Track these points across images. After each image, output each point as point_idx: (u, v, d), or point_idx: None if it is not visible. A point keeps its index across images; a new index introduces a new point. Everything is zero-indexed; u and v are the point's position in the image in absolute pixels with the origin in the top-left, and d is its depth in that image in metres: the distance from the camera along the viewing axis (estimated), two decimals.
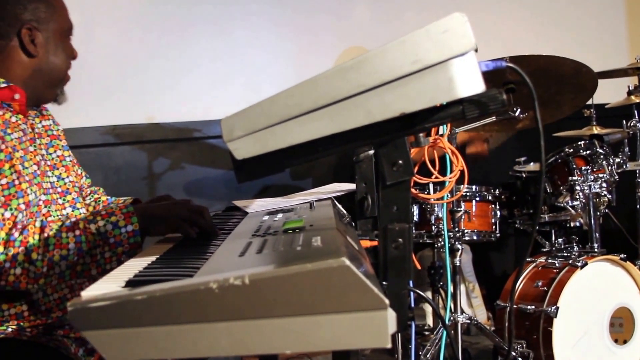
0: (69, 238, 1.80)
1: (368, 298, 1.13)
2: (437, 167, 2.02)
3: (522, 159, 3.83)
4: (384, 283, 1.42)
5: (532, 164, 3.77)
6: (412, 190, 1.95)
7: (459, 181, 2.18)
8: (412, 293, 1.67)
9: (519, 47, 3.69)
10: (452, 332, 3.27)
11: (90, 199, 2.48)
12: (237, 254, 1.39)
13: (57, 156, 2.27)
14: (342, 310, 1.14)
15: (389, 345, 1.15)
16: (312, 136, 1.26)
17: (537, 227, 3.65)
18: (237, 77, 4.65)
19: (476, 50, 1.25)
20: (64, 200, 2.20)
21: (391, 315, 1.15)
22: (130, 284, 1.26)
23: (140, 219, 1.88)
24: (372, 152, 1.69)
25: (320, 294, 1.13)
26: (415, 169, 2.00)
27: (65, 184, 2.23)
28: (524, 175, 3.64)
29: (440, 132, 2.49)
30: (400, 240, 1.40)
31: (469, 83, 1.26)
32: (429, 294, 3.91)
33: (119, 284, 1.28)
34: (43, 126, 2.28)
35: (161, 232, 1.92)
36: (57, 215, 2.12)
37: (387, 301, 1.14)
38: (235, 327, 1.15)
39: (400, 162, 1.37)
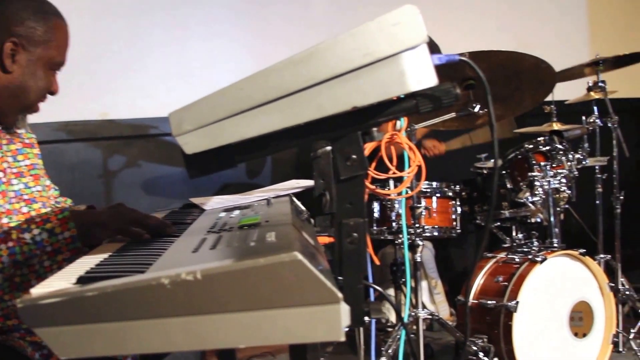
0: (2, 250, 1.72)
1: (321, 292, 1.12)
2: (394, 163, 2.02)
3: (484, 155, 3.85)
4: (340, 278, 1.42)
5: (492, 160, 3.79)
6: (370, 186, 1.95)
7: (417, 177, 2.18)
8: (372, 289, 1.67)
9: (481, 42, 3.70)
10: (415, 327, 3.27)
11: None
12: (190, 250, 1.38)
13: (26, 165, 2.19)
14: (296, 304, 1.13)
15: (343, 339, 1.14)
16: (263, 130, 1.26)
17: (499, 223, 3.68)
18: (194, 72, 4.61)
19: (436, 46, 1.25)
20: (30, 208, 2.14)
21: (344, 309, 1.15)
22: (81, 280, 1.24)
23: (78, 225, 1.79)
24: (330, 147, 1.69)
25: (274, 288, 1.12)
26: (373, 165, 2.00)
27: (32, 192, 2.16)
28: (485, 172, 3.66)
29: (398, 126, 2.50)
30: (355, 235, 1.39)
31: (421, 76, 1.25)
32: (391, 291, 3.92)
33: (71, 280, 1.26)
34: (13, 133, 2.20)
35: (102, 237, 1.82)
36: None
37: (340, 295, 1.13)
38: (188, 323, 1.14)
39: (354, 156, 1.36)
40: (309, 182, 2.35)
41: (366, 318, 1.41)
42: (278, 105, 1.24)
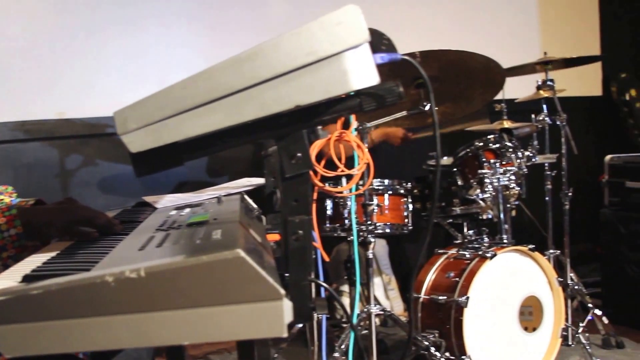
0: None
1: (263, 288, 1.14)
2: (342, 160, 2.04)
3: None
4: (287, 275, 1.44)
5: (445, 158, 3.83)
6: (319, 183, 1.97)
7: (366, 175, 2.21)
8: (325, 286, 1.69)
9: (433, 42, 3.74)
10: (368, 323, 3.29)
11: None
12: (137, 248, 1.38)
13: None
14: (239, 301, 1.14)
15: (285, 335, 1.16)
16: (207, 129, 1.27)
17: (451, 220, 3.73)
18: (150, 73, 4.59)
19: (392, 45, 1.26)
20: None
21: (287, 305, 1.16)
22: (26, 279, 1.25)
23: (24, 223, 1.77)
24: None
25: (217, 285, 1.14)
26: (322, 163, 2.01)
27: None
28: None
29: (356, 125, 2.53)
30: (301, 232, 1.41)
31: (363, 75, 1.27)
32: (345, 287, 3.94)
33: (16, 279, 1.26)
34: None
35: (50, 235, 1.80)
36: None
37: (282, 291, 1.15)
38: (133, 320, 1.15)
39: (299, 154, 1.38)
40: (261, 180, 2.36)
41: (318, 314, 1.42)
42: (222, 103, 1.25)
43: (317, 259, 2.53)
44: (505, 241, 3.50)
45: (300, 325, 3.48)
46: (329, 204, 3.49)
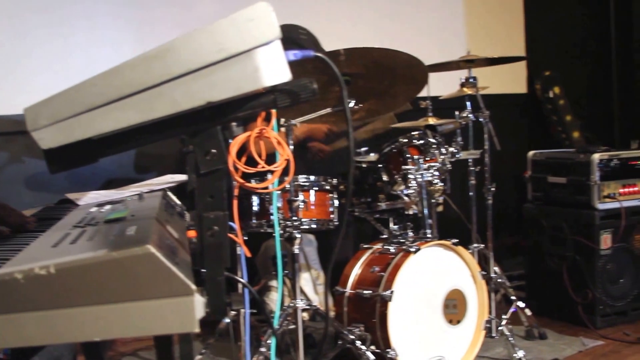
0: None
1: (174, 284, 1.15)
2: (263, 157, 2.05)
3: (363, 149, 3.93)
4: (203, 270, 1.45)
5: (372, 154, 3.87)
6: (239, 179, 1.97)
7: (286, 171, 2.22)
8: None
9: (360, 39, 3.78)
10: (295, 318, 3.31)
11: None
12: (51, 244, 1.37)
13: None
14: (150, 296, 1.15)
15: (197, 330, 1.17)
16: (119, 125, 1.27)
17: (377, 215, 3.77)
18: (78, 71, 4.51)
19: (318, 43, 1.28)
20: None
21: (198, 300, 1.17)
22: None
23: None
24: None
25: (128, 281, 1.14)
26: (243, 159, 2.02)
27: None
28: (364, 166, 3.73)
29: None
30: (216, 227, 1.42)
31: (274, 72, 1.29)
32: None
33: None
34: None
35: None
36: None
37: (193, 287, 1.16)
38: (43, 317, 1.14)
39: (214, 151, 1.39)
40: (184, 177, 2.36)
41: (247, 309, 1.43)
42: (133, 100, 1.25)
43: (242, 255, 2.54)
44: (429, 236, 3.55)
45: (228, 320, 3.49)
46: (255, 200, 3.50)
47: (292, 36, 4.12)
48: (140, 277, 1.14)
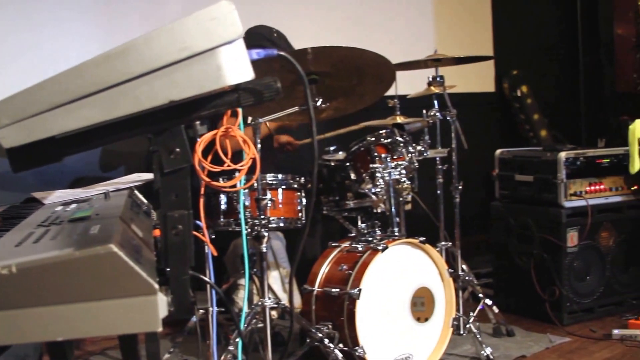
0: None
1: (137, 283, 1.14)
2: (229, 155, 2.05)
3: (332, 148, 3.94)
4: (167, 269, 1.45)
5: (340, 153, 3.89)
6: (206, 178, 1.98)
7: (252, 169, 2.22)
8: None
9: (329, 38, 3.79)
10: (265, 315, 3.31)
11: None
12: (14, 244, 1.36)
13: None
14: (113, 296, 1.15)
15: (160, 329, 1.17)
16: (82, 124, 1.26)
17: (346, 214, 3.78)
18: (46, 67, 4.48)
19: (287, 41, 1.28)
20: None
21: (161, 299, 1.17)
22: None
23: None
24: None
25: (90, 280, 1.14)
26: (209, 158, 2.02)
27: None
28: (332, 164, 3.73)
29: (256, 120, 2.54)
30: (180, 226, 1.42)
31: (237, 71, 1.29)
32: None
33: None
34: None
35: None
36: None
37: (156, 286, 1.16)
38: (5, 317, 1.14)
39: (178, 149, 1.39)
40: (151, 176, 2.35)
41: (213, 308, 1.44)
42: (95, 99, 1.25)
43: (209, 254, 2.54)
44: (396, 234, 3.56)
45: (195, 319, 3.48)
46: (223, 198, 3.50)
47: (264, 36, 4.13)
48: (103, 276, 1.13)
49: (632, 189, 4.53)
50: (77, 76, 1.24)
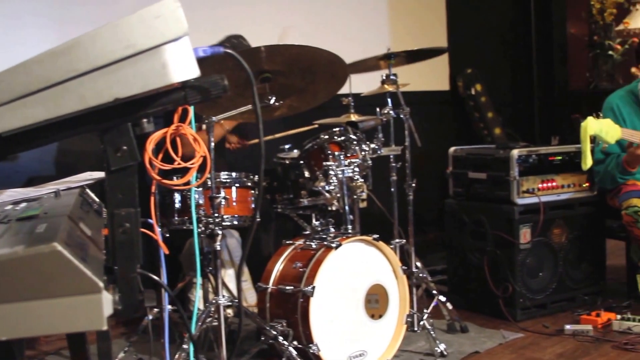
0: None
1: (81, 282, 1.14)
2: (179, 153, 2.05)
3: (287, 146, 3.95)
4: (115, 268, 1.44)
5: (295, 151, 3.89)
6: (156, 176, 1.97)
7: (203, 168, 2.22)
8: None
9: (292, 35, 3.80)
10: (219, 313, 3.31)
11: None
12: None
13: None
14: (57, 294, 1.14)
15: (105, 328, 1.17)
16: (26, 122, 1.26)
17: (300, 212, 3.79)
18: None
19: (245, 41, 1.28)
20: None
21: (106, 298, 1.17)
22: None
23: None
24: None
25: (35, 279, 1.13)
26: (160, 156, 2.02)
27: None
28: (287, 162, 3.74)
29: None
30: (127, 224, 1.42)
31: (183, 68, 1.30)
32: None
33: None
34: None
35: None
36: None
37: (101, 284, 1.16)
38: None
39: (125, 147, 1.39)
40: (102, 174, 2.33)
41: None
42: (39, 97, 1.24)
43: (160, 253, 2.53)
44: (350, 231, 3.58)
45: (150, 317, 3.47)
46: (177, 197, 3.49)
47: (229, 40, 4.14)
48: (47, 274, 1.13)
49: (584, 185, 4.59)
50: (21, 74, 1.24)
